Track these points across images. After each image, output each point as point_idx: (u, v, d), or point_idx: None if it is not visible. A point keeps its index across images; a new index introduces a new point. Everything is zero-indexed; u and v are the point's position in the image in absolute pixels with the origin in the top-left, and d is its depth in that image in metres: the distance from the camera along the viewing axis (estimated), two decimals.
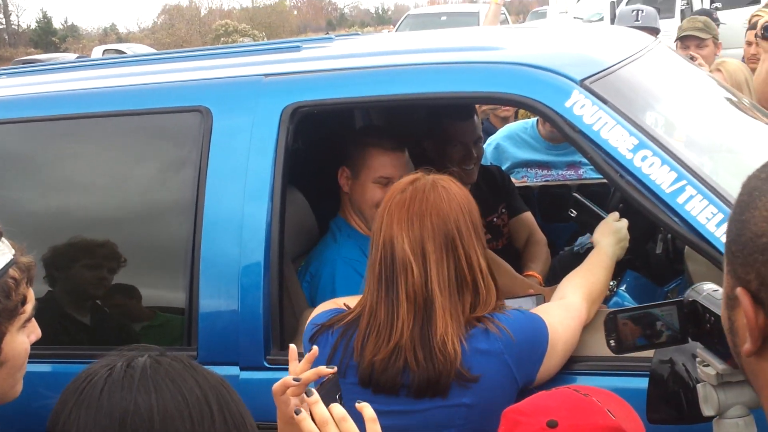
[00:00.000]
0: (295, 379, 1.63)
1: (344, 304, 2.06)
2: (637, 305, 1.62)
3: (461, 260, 1.92)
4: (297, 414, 1.39)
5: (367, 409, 1.42)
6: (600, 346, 2.10)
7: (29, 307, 1.58)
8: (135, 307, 2.56)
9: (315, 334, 2.00)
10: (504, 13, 17.99)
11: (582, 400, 1.62)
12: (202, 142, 2.41)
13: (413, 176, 2.01)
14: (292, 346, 1.75)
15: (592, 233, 2.46)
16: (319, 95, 2.38)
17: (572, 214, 2.91)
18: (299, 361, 1.71)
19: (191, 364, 1.24)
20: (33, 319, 1.64)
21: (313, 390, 1.42)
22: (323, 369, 1.59)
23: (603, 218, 2.49)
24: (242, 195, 2.34)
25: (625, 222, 2.37)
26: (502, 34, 3.05)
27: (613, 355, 2.04)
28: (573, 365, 2.08)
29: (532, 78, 2.21)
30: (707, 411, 1.48)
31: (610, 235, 2.35)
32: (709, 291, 1.51)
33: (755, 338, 0.98)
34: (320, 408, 1.39)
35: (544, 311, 2.05)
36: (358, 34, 3.51)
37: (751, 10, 5.38)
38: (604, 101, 2.14)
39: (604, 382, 2.01)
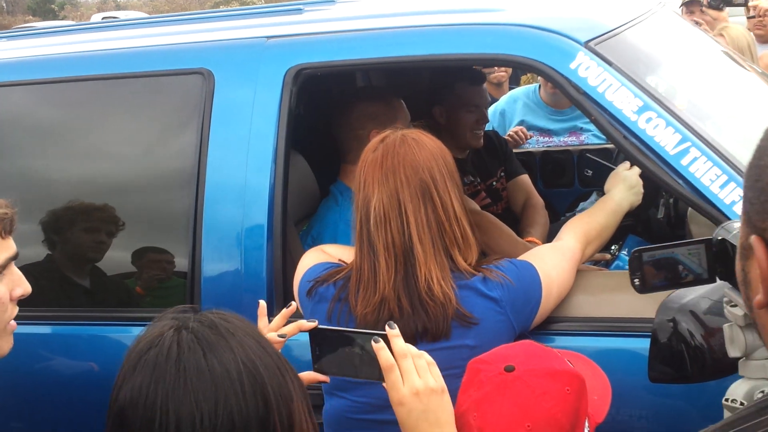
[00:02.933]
0: (280, 335, 1.70)
1: (340, 259, 2.10)
2: (663, 243, 1.58)
3: (438, 207, 1.96)
4: (376, 342, 1.47)
5: (426, 355, 1.52)
6: (587, 307, 2.11)
7: (2, 256, 1.55)
8: (137, 270, 2.56)
9: (311, 289, 2.04)
10: None
11: (541, 349, 1.71)
12: (204, 105, 2.39)
13: (383, 134, 2.05)
14: (262, 302, 1.82)
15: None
16: (323, 57, 2.37)
17: (588, 174, 2.91)
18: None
19: (243, 318, 1.23)
20: (19, 272, 1.61)
21: (394, 324, 1.50)
22: (304, 323, 1.62)
23: None
24: (245, 158, 2.33)
25: (636, 170, 2.35)
26: None
27: (598, 316, 2.08)
28: (557, 326, 2.09)
29: (536, 40, 2.20)
30: (733, 352, 1.45)
31: (620, 182, 2.35)
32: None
33: None
34: (400, 342, 1.48)
35: (537, 256, 2.07)
36: None
37: None
38: (609, 63, 2.13)
39: (588, 343, 2.04)
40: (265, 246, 2.29)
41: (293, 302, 1.83)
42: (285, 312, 1.80)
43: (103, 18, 25.47)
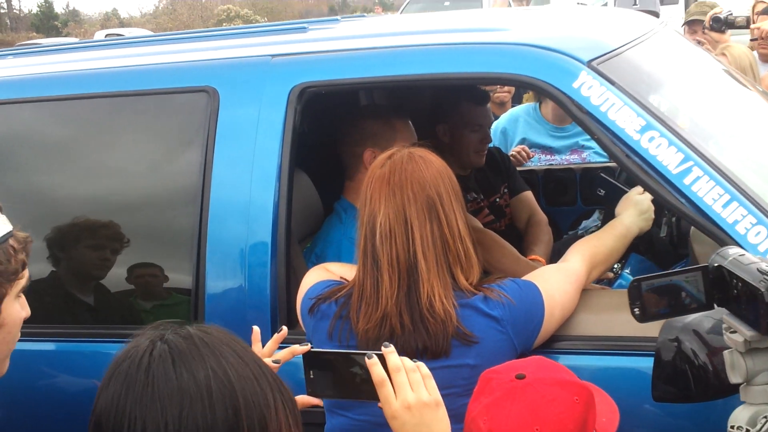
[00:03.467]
0: (275, 361, 1.71)
1: (341, 277, 2.10)
2: (660, 272, 1.57)
3: (443, 224, 1.97)
4: (369, 359, 1.46)
5: (422, 367, 1.51)
6: (590, 326, 2.11)
7: (25, 278, 1.58)
8: (141, 288, 2.56)
9: (313, 306, 2.05)
10: None
11: (552, 362, 1.77)
12: (209, 123, 2.41)
13: (390, 152, 2.07)
14: (256, 328, 1.83)
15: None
16: (327, 76, 2.38)
17: (600, 193, 2.91)
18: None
19: (227, 331, 1.25)
20: (23, 297, 1.64)
21: (389, 343, 1.50)
22: (297, 348, 1.62)
23: None
24: (249, 176, 2.34)
25: (648, 195, 2.35)
26: (509, 15, 3.04)
27: (601, 334, 2.08)
28: (559, 344, 2.09)
29: (539, 59, 2.21)
30: (734, 378, 1.44)
31: (631, 207, 2.36)
32: (735, 256, 1.45)
33: None
34: (394, 357, 1.47)
35: (541, 277, 2.07)
36: (364, 16, 3.50)
37: None
38: (612, 82, 2.14)
39: (591, 362, 2.05)
40: (268, 263, 2.29)
41: (284, 327, 1.85)
42: (276, 337, 1.82)
43: (106, 35, 25.62)
